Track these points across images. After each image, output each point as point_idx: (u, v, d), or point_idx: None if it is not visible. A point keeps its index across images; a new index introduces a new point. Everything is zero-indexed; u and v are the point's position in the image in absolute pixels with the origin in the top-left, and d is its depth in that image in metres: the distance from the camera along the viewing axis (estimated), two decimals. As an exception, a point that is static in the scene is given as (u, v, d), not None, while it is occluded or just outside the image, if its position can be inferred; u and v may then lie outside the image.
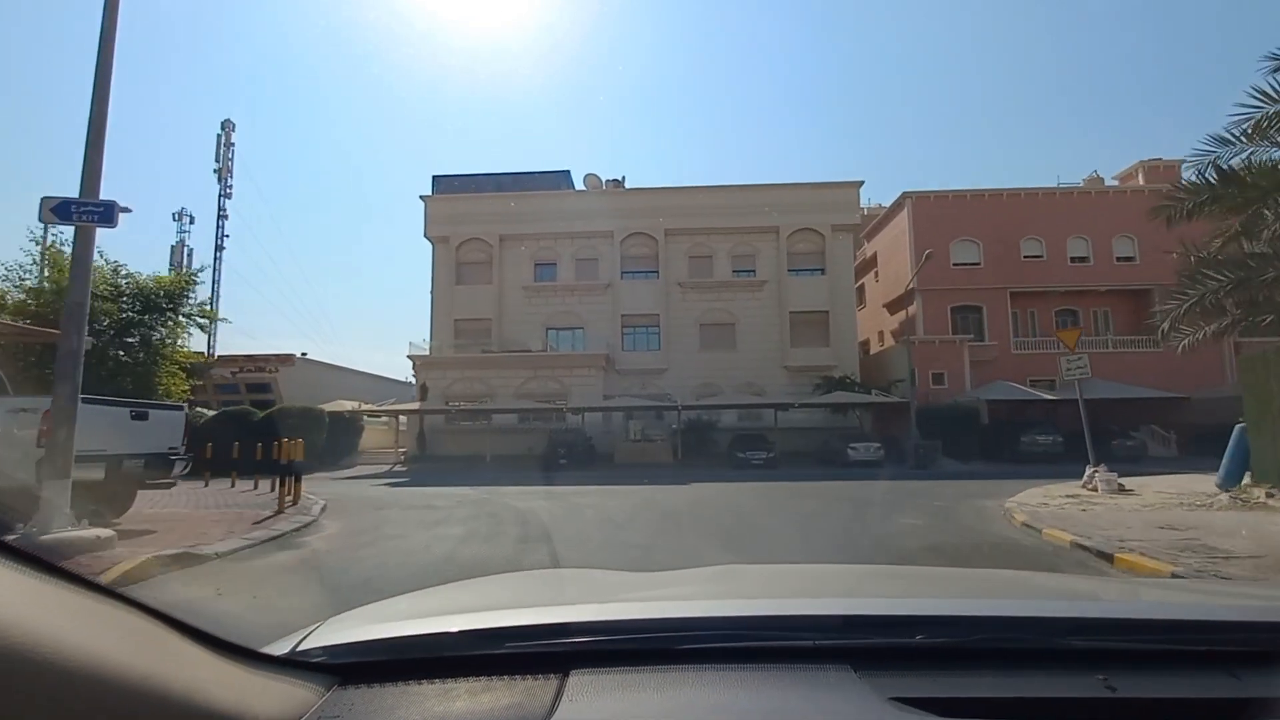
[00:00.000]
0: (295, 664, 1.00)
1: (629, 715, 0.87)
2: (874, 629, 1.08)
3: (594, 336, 31.44)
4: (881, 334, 36.66)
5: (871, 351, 35.68)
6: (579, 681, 0.94)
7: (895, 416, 28.48)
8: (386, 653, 1.04)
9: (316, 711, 0.90)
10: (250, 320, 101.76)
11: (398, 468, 26.97)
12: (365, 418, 31.01)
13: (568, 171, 34.03)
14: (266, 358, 33.54)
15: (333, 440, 28.10)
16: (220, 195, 48.85)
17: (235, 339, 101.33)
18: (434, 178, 33.88)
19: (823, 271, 31.99)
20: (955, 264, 32.00)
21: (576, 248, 32.64)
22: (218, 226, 48.62)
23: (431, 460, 28.77)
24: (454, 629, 1.06)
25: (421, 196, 32.93)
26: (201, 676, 0.79)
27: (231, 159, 49.52)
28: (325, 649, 1.04)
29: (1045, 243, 32.18)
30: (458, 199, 32.86)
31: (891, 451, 23.79)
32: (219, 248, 48.82)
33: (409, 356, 30.36)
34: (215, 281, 48.74)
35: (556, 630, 1.05)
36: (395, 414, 29.38)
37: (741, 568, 2.07)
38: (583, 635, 1.04)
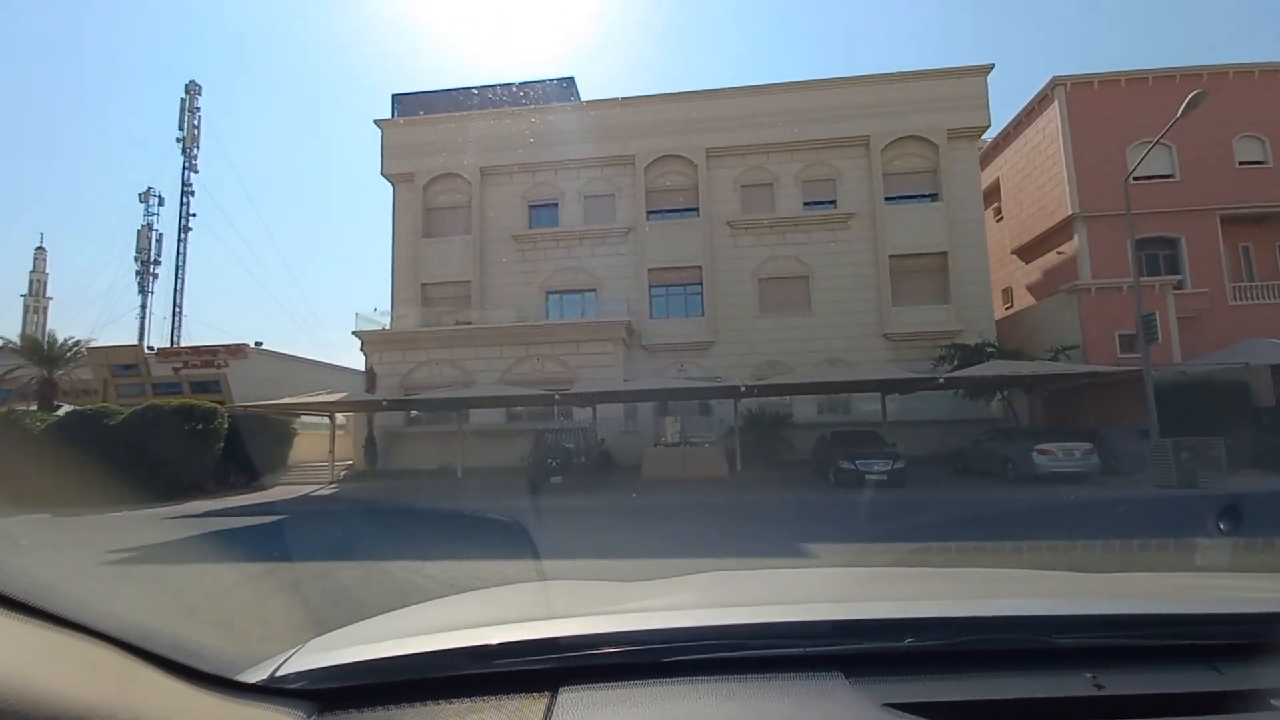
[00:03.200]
0: (274, 691, 0.96)
1: None
2: (864, 634, 1.07)
3: (611, 301, 22.51)
4: (1008, 292, 26.64)
5: (996, 316, 25.65)
6: (569, 699, 0.93)
7: (1074, 400, 18.63)
8: (369, 676, 1.00)
9: None
10: (215, 306, 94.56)
11: (319, 490, 18.47)
12: (297, 420, 22.74)
13: (571, 79, 25.17)
14: (214, 349, 25.74)
15: (240, 450, 19.87)
16: (184, 168, 42.12)
17: (199, 330, 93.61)
18: (394, 97, 25.52)
19: (935, 197, 22.33)
20: (1136, 178, 21.85)
21: (585, 181, 23.75)
22: (182, 204, 41.82)
23: (380, 477, 20.23)
24: (439, 648, 1.04)
25: (377, 121, 24.61)
26: (175, 709, 0.76)
27: (198, 126, 42.69)
28: (304, 674, 1.00)
29: (1270, 143, 21.80)
30: (424, 122, 24.38)
31: (1103, 455, 14.05)
32: (183, 228, 42.03)
33: (355, 333, 21.97)
34: (179, 266, 42.17)
35: (544, 646, 1.03)
36: (323, 408, 20.93)
37: (731, 574, 1.96)
38: (571, 650, 1.02)
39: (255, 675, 0.99)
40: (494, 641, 1.04)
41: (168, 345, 34.83)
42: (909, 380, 15.84)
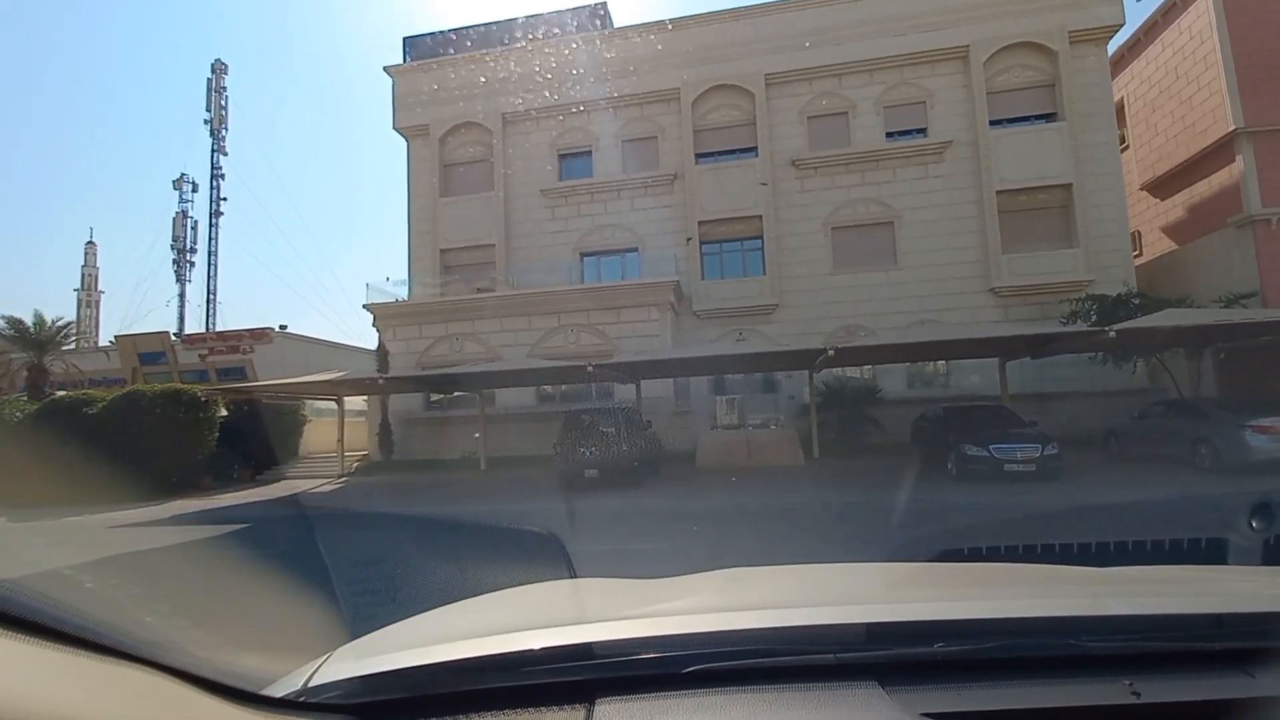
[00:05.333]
0: (304, 706, 0.95)
1: None
2: (898, 639, 1.05)
3: (655, 261, 19.17)
4: (1135, 237, 21.98)
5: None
6: (605, 712, 0.93)
7: (1255, 364, 14.41)
8: (403, 689, 0.99)
9: None
10: (248, 291, 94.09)
11: (322, 486, 15.90)
12: (310, 407, 20.37)
13: (604, 3, 21.63)
14: (239, 335, 23.96)
15: (243, 440, 17.61)
16: (213, 151, 40.65)
17: (234, 317, 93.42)
18: (405, 40, 22.57)
19: (1054, 117, 18.06)
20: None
21: (623, 123, 20.35)
22: (212, 188, 40.41)
23: (394, 468, 17.59)
24: (474, 654, 1.02)
25: (387, 68, 21.77)
26: None
27: (224, 107, 41.08)
28: (339, 685, 0.98)
29: None
30: (438, 66, 21.37)
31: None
32: (215, 213, 40.70)
33: (366, 306, 19.31)
34: (212, 252, 40.97)
35: (579, 653, 1.03)
36: (314, 391, 18.37)
37: (755, 570, 1.87)
38: (606, 657, 1.02)
39: (285, 689, 0.97)
40: (529, 648, 1.03)
41: (201, 332, 33.42)
42: (1063, 335, 11.92)
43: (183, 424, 15.57)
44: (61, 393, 17.93)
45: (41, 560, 7.77)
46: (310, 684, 0.98)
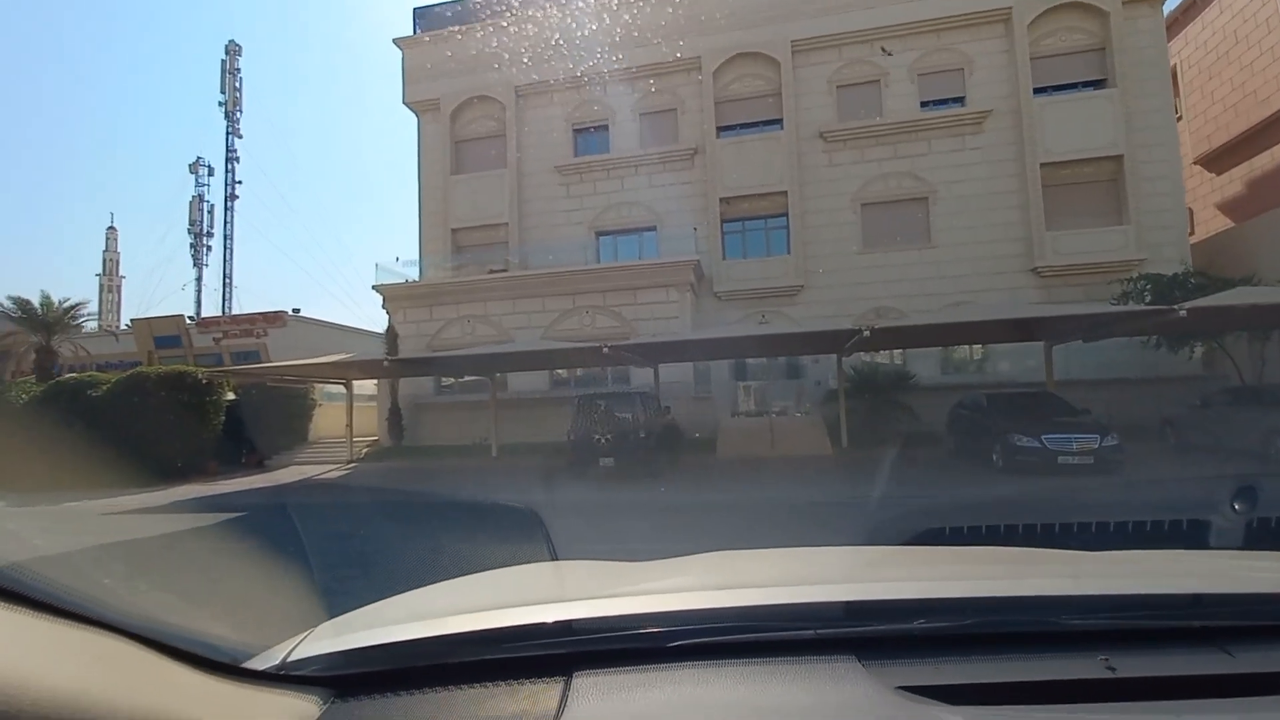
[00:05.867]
0: (289, 678, 0.94)
1: (635, 718, 0.87)
2: (876, 616, 1.06)
3: (674, 240, 18.28)
4: (1188, 214, 20.63)
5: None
6: (583, 684, 0.93)
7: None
8: (383, 662, 0.98)
9: None
10: (263, 275, 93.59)
11: (329, 473, 15.38)
12: (320, 391, 19.87)
13: (620, -31, 20.62)
14: (252, 318, 23.78)
15: (252, 425, 17.18)
16: (228, 134, 40.34)
17: (250, 301, 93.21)
18: (415, 10, 21.71)
19: (1102, 84, 16.81)
20: None
21: (640, 95, 19.40)
22: (227, 170, 40.17)
23: (404, 454, 17.04)
24: (454, 631, 1.03)
25: (396, 40, 20.98)
26: (189, 699, 0.75)
27: (239, 89, 40.72)
28: (319, 660, 0.97)
29: None
30: (448, 37, 20.52)
31: None
32: (230, 196, 40.49)
33: (375, 288, 18.69)
34: (227, 236, 40.80)
35: (559, 629, 1.02)
36: (318, 373, 17.81)
37: (738, 554, 1.85)
38: (585, 633, 1.03)
39: (266, 662, 0.96)
40: (509, 624, 1.03)
41: (216, 315, 33.26)
42: (1131, 315, 10.87)
43: (187, 407, 15.11)
44: (70, 375, 17.58)
45: (13, 550, 7.22)
46: (290, 658, 0.97)
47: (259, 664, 0.95)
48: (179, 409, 14.97)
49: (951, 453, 12.50)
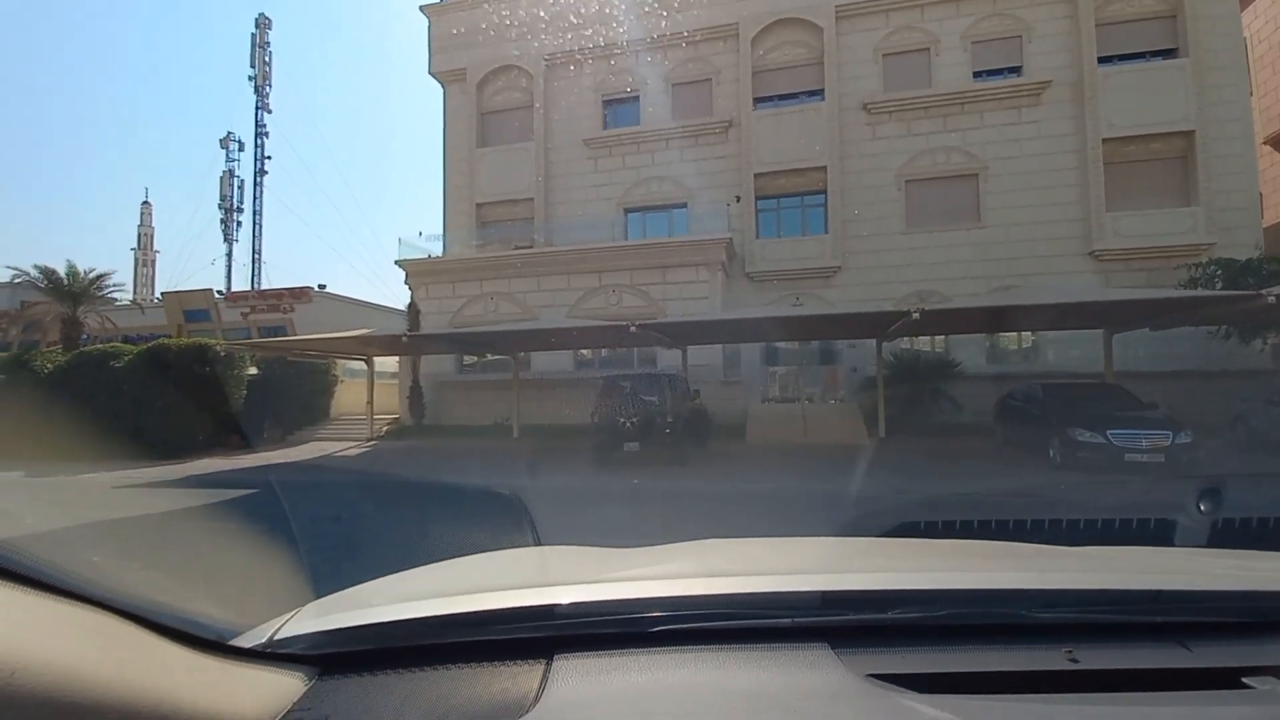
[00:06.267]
0: (273, 656, 0.96)
1: (613, 698, 0.88)
2: (851, 606, 1.08)
3: (706, 217, 17.52)
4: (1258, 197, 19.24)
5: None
6: (563, 666, 0.94)
7: None
8: (367, 641, 1.01)
9: (298, 706, 0.88)
10: (291, 250, 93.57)
11: (348, 449, 15.12)
12: (342, 368, 19.62)
13: (655, -70, 19.67)
14: (279, 293, 23.75)
15: (274, 400, 17.03)
16: (257, 108, 40.21)
17: (279, 277, 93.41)
18: (443, -23, 21.07)
19: (1173, 54, 15.56)
20: None
21: (674, 65, 18.57)
22: (257, 145, 40.13)
23: (424, 433, 16.72)
24: (438, 613, 1.04)
25: (423, 8, 20.38)
26: (174, 675, 0.75)
27: (269, 63, 40.48)
28: (304, 639, 1.00)
29: None
30: (478, 3, 19.80)
31: None
32: (259, 171, 40.52)
33: (398, 263, 18.29)
34: (256, 211, 40.88)
35: (540, 613, 1.04)
36: (353, 351, 17.50)
37: (721, 542, 1.86)
38: (566, 617, 1.04)
39: (252, 640, 0.97)
40: (492, 607, 1.05)
41: (244, 290, 33.37)
42: (1214, 300, 9.95)
43: (208, 380, 14.91)
44: (94, 346, 17.55)
45: (6, 528, 6.92)
46: (276, 637, 0.99)
47: (245, 642, 0.96)
48: (200, 382, 14.77)
49: (1001, 445, 11.70)
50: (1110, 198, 15.35)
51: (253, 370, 16.75)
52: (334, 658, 0.97)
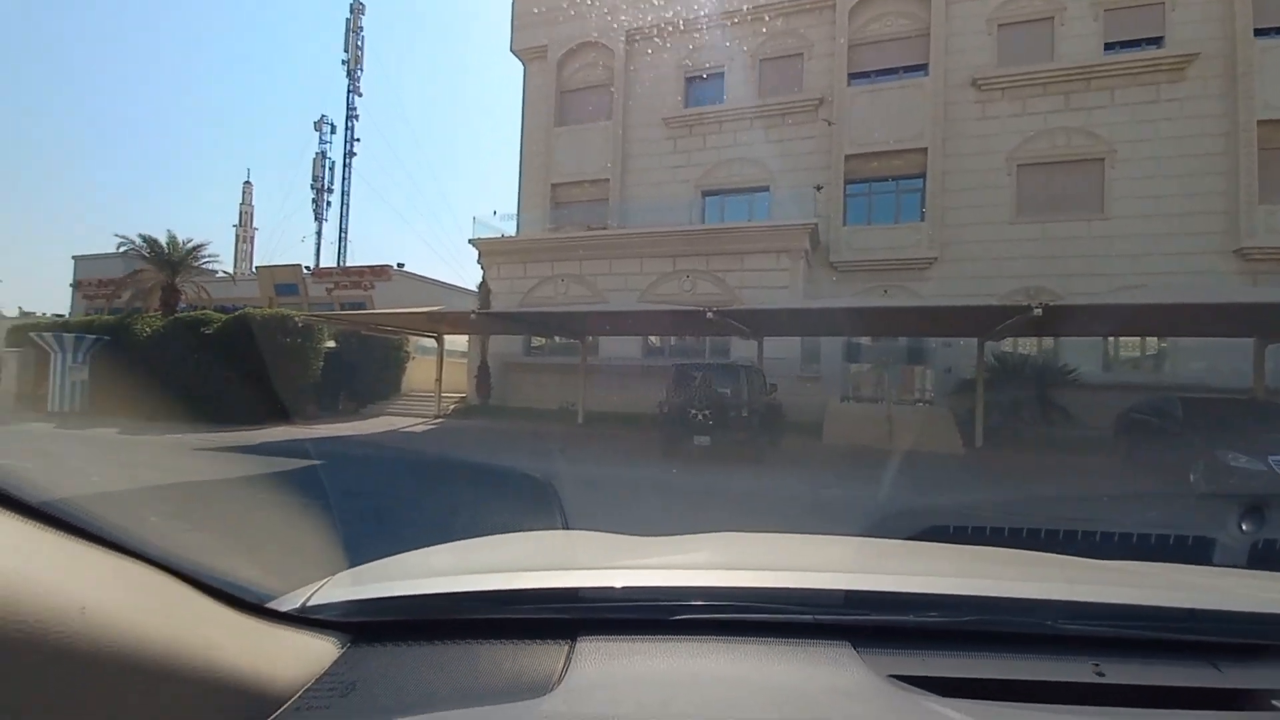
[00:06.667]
0: (306, 621, 0.98)
1: (634, 682, 0.89)
2: (873, 606, 1.07)
3: (789, 202, 16.48)
4: None
5: None
6: (586, 647, 0.95)
7: None
8: (398, 612, 1.03)
9: (331, 670, 0.90)
10: (375, 229, 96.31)
11: (416, 426, 15.10)
12: (410, 345, 19.79)
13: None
14: (361, 270, 24.59)
15: (349, 372, 17.34)
16: (349, 92, 41.50)
17: (364, 255, 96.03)
18: (528, -48, 20.74)
19: (1359, 20, 13.30)
20: None
21: (763, 39, 17.54)
22: (347, 128, 41.48)
23: (489, 413, 16.56)
24: (471, 589, 1.07)
25: (507, -16, 20.16)
26: (217, 633, 0.78)
27: (361, 48, 41.68)
28: (337, 606, 1.02)
29: None
30: (562, -22, 19.41)
31: None
32: (349, 153, 41.92)
33: (471, 241, 18.18)
34: (345, 192, 42.34)
35: (566, 595, 1.06)
36: (423, 328, 17.51)
37: (746, 536, 1.90)
38: (590, 601, 1.05)
39: (288, 605, 1.00)
40: (520, 587, 1.07)
41: (329, 267, 34.63)
42: None
43: (287, 350, 15.25)
44: (188, 312, 18.34)
45: (76, 485, 6.95)
46: (309, 603, 1.01)
47: (281, 605, 0.97)
48: (280, 351, 15.10)
49: (1124, 464, 10.28)
50: (1263, 189, 13.32)
51: (330, 343, 17.08)
52: (365, 626, 1.00)
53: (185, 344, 15.38)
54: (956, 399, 13.53)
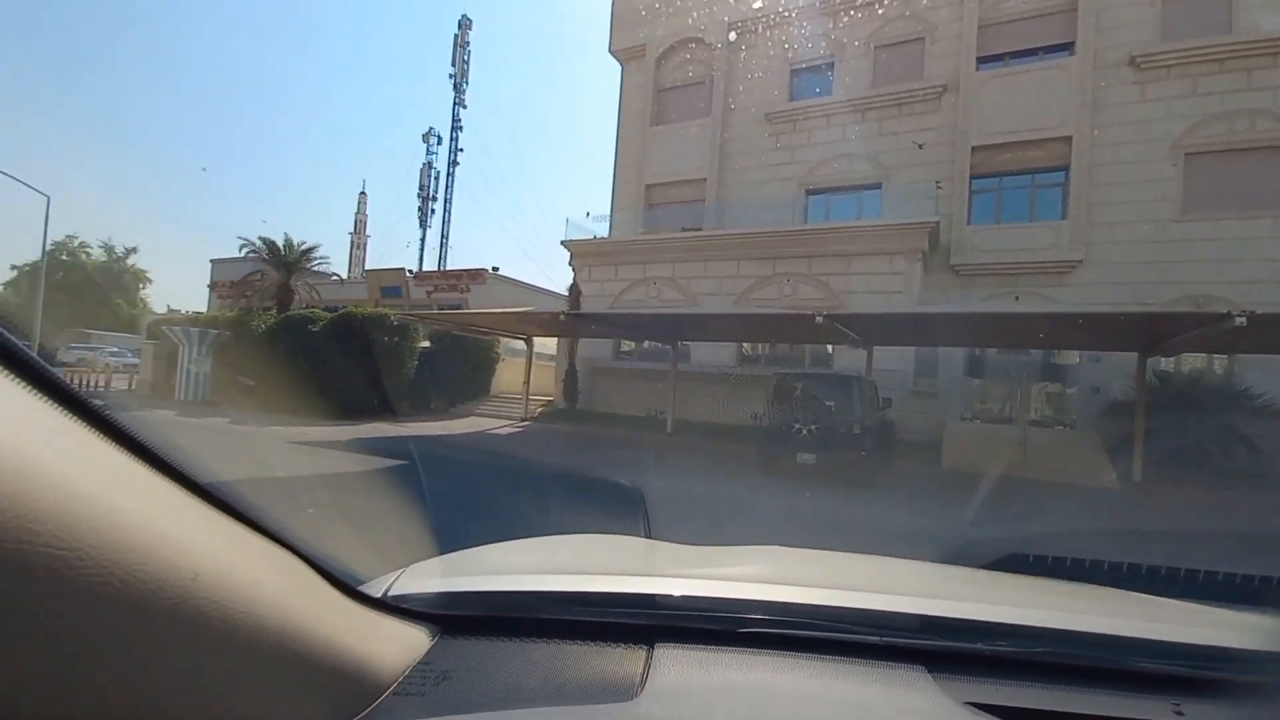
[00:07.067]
0: (402, 610, 0.99)
1: (718, 691, 0.89)
2: (948, 632, 1.05)
3: (904, 200, 15.03)
4: None
5: None
6: (664, 655, 0.96)
7: None
8: (487, 607, 1.05)
9: (425, 659, 0.91)
10: (474, 235, 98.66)
11: (503, 428, 14.88)
12: (500, 347, 19.79)
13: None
14: (458, 274, 25.44)
15: (441, 373, 17.52)
16: (455, 104, 43.21)
17: (463, 259, 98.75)
18: (629, -49, 20.41)
19: None
20: None
21: (880, 24, 16.20)
22: (452, 139, 43.21)
23: (576, 418, 16.12)
24: (555, 589, 1.10)
25: (607, -17, 19.90)
26: (328, 613, 0.79)
27: (467, 61, 43.31)
28: (424, 597, 1.02)
29: None
30: (663, -27, 18.90)
31: None
32: (452, 163, 43.62)
33: (563, 243, 17.92)
34: (448, 200, 44.00)
35: (644, 601, 1.07)
36: (512, 329, 17.31)
37: (820, 552, 1.85)
38: (667, 608, 1.05)
39: (374, 591, 0.98)
40: (601, 590, 1.10)
41: (429, 270, 35.94)
42: None
43: (385, 349, 15.52)
44: (298, 311, 19.22)
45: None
46: (390, 592, 1.01)
47: (371, 591, 0.97)
48: (379, 350, 15.39)
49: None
50: None
51: (425, 343, 17.33)
52: (451, 618, 1.01)
53: (294, 340, 16.00)
54: (1105, 423, 11.65)
